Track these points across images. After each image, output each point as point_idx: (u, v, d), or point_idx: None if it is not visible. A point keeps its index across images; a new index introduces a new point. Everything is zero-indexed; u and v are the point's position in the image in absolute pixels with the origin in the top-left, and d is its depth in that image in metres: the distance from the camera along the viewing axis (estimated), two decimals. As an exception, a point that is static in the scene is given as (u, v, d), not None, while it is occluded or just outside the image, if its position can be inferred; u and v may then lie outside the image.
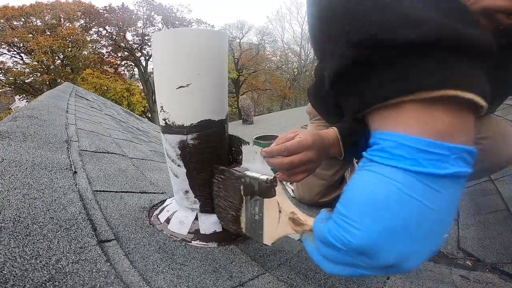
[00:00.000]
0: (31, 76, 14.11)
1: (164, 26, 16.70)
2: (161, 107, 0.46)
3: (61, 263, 0.30)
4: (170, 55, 0.43)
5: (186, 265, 0.42)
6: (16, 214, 0.37)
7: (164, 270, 0.38)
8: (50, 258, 0.30)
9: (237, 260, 0.48)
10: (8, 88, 14.32)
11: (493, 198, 1.14)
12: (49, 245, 0.32)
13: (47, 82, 13.71)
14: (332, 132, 0.71)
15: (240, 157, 0.52)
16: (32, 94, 13.72)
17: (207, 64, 0.44)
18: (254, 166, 0.48)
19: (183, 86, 0.42)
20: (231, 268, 0.45)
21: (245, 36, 19.13)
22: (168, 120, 0.45)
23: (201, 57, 0.43)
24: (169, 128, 0.46)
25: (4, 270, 0.26)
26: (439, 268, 0.69)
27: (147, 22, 16.52)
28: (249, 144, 0.50)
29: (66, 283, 0.28)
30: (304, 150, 0.56)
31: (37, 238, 0.33)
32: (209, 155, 0.48)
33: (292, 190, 1.48)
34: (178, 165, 0.48)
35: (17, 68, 13.82)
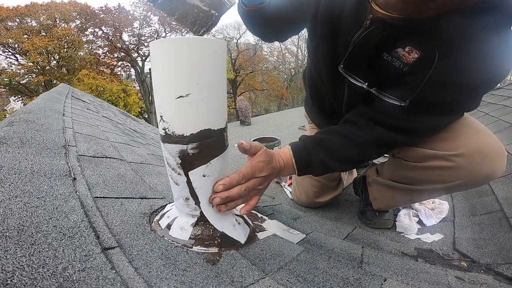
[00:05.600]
0: (26, 77, 13.98)
1: (161, 26, 16.65)
2: (161, 116, 0.46)
3: (68, 271, 0.31)
4: (169, 65, 0.43)
5: (188, 270, 0.42)
6: (19, 223, 0.37)
7: (167, 276, 0.39)
8: (57, 267, 0.31)
9: (238, 265, 0.48)
10: (3, 89, 14.17)
11: (488, 200, 1.16)
12: (55, 254, 0.33)
13: (43, 83, 13.61)
14: (286, 153, 0.75)
15: None
16: (27, 95, 13.62)
17: (206, 73, 0.44)
18: None
19: (183, 96, 0.43)
20: (232, 273, 0.45)
21: (242, 36, 19.15)
22: (168, 130, 0.46)
23: (201, 67, 0.43)
24: (169, 138, 0.46)
25: (14, 279, 0.26)
26: (434, 270, 0.71)
27: (144, 22, 16.46)
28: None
29: (73, 292, 0.28)
30: (257, 175, 0.62)
31: (43, 247, 0.33)
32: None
33: (290, 192, 1.49)
34: (179, 174, 0.48)
35: (12, 69, 13.69)
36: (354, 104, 0.87)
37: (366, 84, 0.73)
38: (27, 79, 14.06)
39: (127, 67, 17.57)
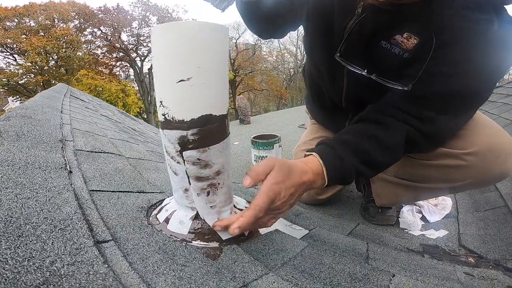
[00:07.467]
0: (24, 77, 13.94)
1: (160, 26, 16.62)
2: (161, 101, 0.44)
3: (56, 265, 0.28)
4: (171, 48, 0.42)
5: (187, 266, 0.40)
6: (7, 214, 0.35)
7: (165, 272, 0.36)
8: (44, 260, 0.29)
9: (239, 260, 0.46)
10: (1, 90, 14.12)
11: (491, 195, 1.14)
12: (43, 246, 0.31)
13: (41, 83, 13.58)
14: (313, 162, 0.61)
15: None
16: (25, 95, 13.57)
17: (208, 57, 0.42)
18: None
19: (184, 80, 0.41)
20: (234, 268, 0.43)
21: (241, 36, 19.13)
22: (168, 115, 0.44)
23: (202, 50, 0.42)
24: (168, 124, 0.44)
25: (-6, 273, 0.24)
26: (442, 266, 0.69)
27: (143, 22, 16.42)
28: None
29: (61, 286, 0.26)
30: (276, 200, 0.51)
31: (30, 239, 0.31)
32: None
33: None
34: (178, 162, 0.46)
35: (10, 69, 13.65)
36: (353, 96, 0.85)
37: (366, 71, 0.69)
38: (26, 79, 14.01)
39: (126, 67, 17.53)
